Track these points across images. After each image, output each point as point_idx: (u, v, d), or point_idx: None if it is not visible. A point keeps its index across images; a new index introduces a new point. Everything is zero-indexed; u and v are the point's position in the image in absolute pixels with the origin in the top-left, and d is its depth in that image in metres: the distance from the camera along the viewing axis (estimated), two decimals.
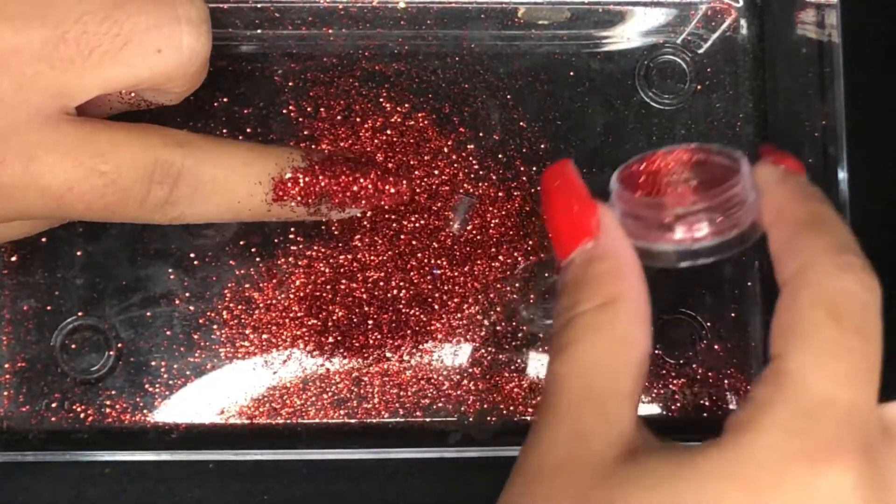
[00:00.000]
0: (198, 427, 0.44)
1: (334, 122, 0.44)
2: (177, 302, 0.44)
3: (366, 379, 0.44)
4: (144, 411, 0.44)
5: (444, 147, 0.44)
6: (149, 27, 0.36)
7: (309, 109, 0.44)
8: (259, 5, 0.43)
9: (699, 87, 0.45)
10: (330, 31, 0.44)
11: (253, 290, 0.44)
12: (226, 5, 0.43)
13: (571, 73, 0.45)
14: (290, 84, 0.44)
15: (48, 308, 0.44)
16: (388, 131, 0.44)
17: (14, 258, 0.44)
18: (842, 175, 0.43)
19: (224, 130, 0.44)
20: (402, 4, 0.44)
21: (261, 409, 0.44)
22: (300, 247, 0.44)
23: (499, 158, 0.44)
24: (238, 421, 0.44)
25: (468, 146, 0.44)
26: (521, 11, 0.44)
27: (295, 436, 0.44)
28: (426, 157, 0.44)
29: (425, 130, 0.44)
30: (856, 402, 0.30)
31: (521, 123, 0.44)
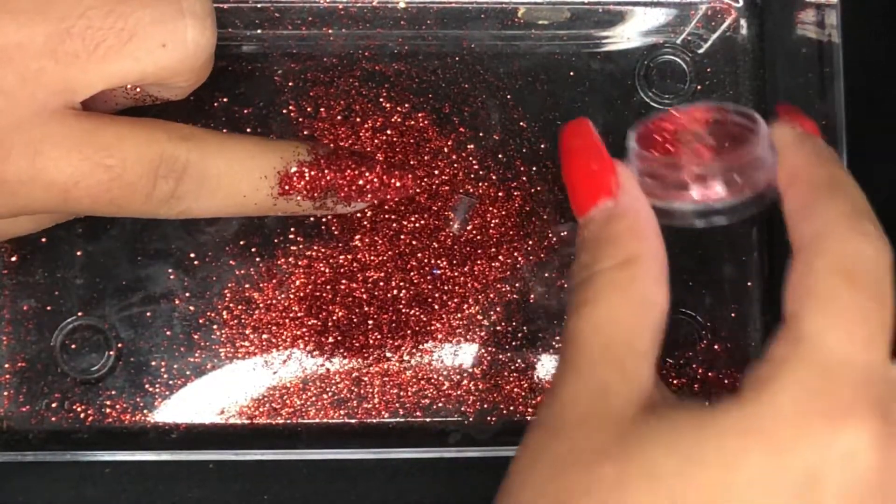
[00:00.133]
0: (198, 427, 0.44)
1: (334, 122, 0.44)
2: (177, 302, 0.44)
3: (366, 379, 0.44)
4: (144, 411, 0.44)
5: (444, 147, 0.44)
6: (153, 21, 0.36)
7: (309, 109, 0.44)
8: (259, 5, 0.43)
9: (699, 87, 0.45)
10: (330, 31, 0.44)
11: (253, 290, 0.44)
12: (226, 5, 0.43)
13: (571, 73, 0.45)
14: (290, 84, 0.44)
15: (48, 308, 0.44)
16: (388, 131, 0.44)
17: (14, 258, 0.44)
18: None
19: (224, 130, 0.44)
20: (402, 4, 0.44)
21: (261, 409, 0.44)
22: (300, 247, 0.44)
23: (499, 158, 0.44)
24: (238, 421, 0.44)
25: (468, 146, 0.44)
26: (521, 11, 0.44)
27: (295, 436, 0.44)
28: (426, 157, 0.44)
29: (425, 130, 0.44)
30: (872, 363, 0.31)
31: (521, 123, 0.44)
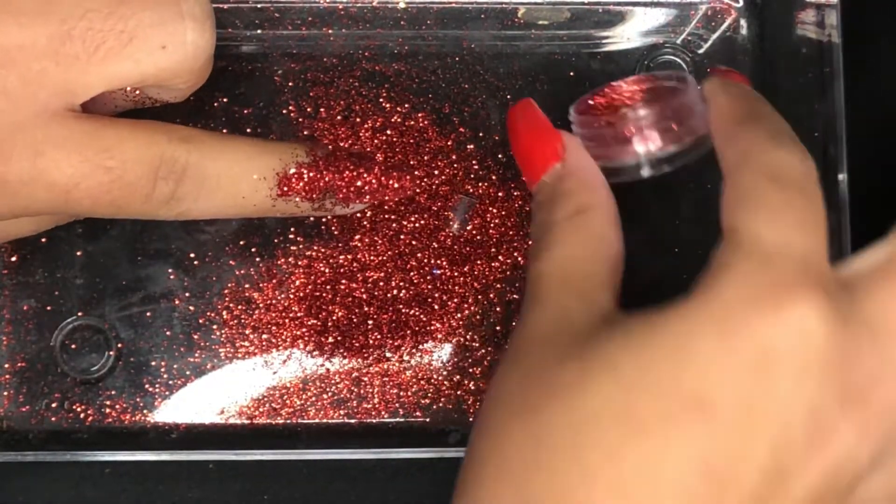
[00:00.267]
0: (198, 427, 0.44)
1: (334, 122, 0.44)
2: (177, 302, 0.44)
3: (366, 379, 0.44)
4: (144, 411, 0.44)
5: (444, 147, 0.44)
6: (153, 23, 0.36)
7: (309, 109, 0.44)
8: (259, 5, 0.43)
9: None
10: (330, 31, 0.44)
11: (253, 290, 0.44)
12: (226, 5, 0.43)
13: (571, 73, 0.45)
14: (290, 84, 0.44)
15: (48, 308, 0.44)
16: (388, 131, 0.44)
17: (14, 258, 0.44)
18: (842, 175, 0.43)
19: (224, 131, 0.44)
20: (402, 4, 0.44)
21: (261, 409, 0.44)
22: (300, 247, 0.44)
23: (499, 158, 0.44)
24: (238, 421, 0.44)
25: (468, 146, 0.44)
26: (521, 11, 0.44)
27: (295, 436, 0.44)
28: (426, 157, 0.44)
29: (425, 130, 0.44)
30: (809, 246, 0.32)
31: None
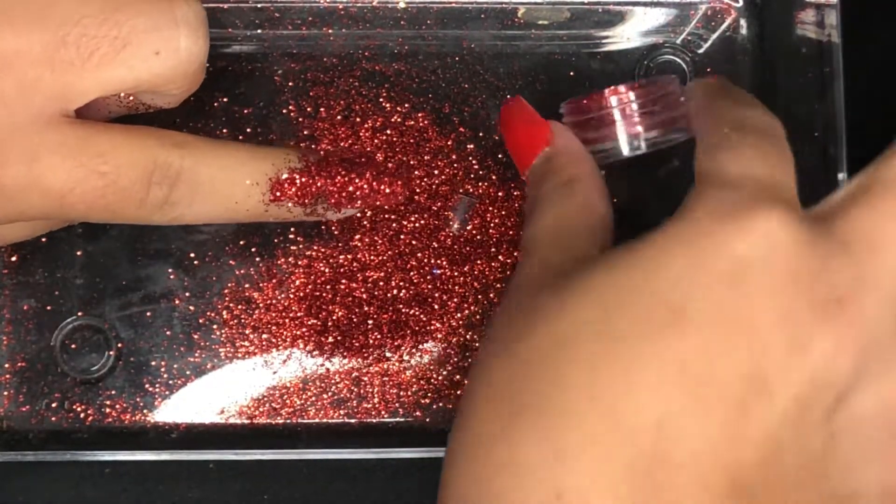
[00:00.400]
0: (198, 427, 0.44)
1: (334, 122, 0.44)
2: (177, 302, 0.44)
3: (366, 379, 0.44)
4: (144, 411, 0.44)
5: (444, 147, 0.44)
6: (147, 29, 0.36)
7: (309, 109, 0.44)
8: (259, 5, 0.43)
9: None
10: (330, 31, 0.44)
11: (253, 290, 0.44)
12: (226, 5, 0.43)
13: (571, 73, 0.45)
14: (290, 84, 0.44)
15: (48, 308, 0.44)
16: (388, 131, 0.44)
17: (14, 258, 0.44)
18: (842, 175, 0.43)
19: (224, 130, 0.44)
20: (402, 4, 0.44)
21: (261, 409, 0.44)
22: (300, 247, 0.44)
23: (499, 158, 0.44)
24: (238, 421, 0.44)
25: (468, 146, 0.44)
26: (521, 11, 0.44)
27: (295, 436, 0.44)
28: (426, 157, 0.44)
29: (425, 130, 0.44)
30: (775, 176, 0.33)
31: None
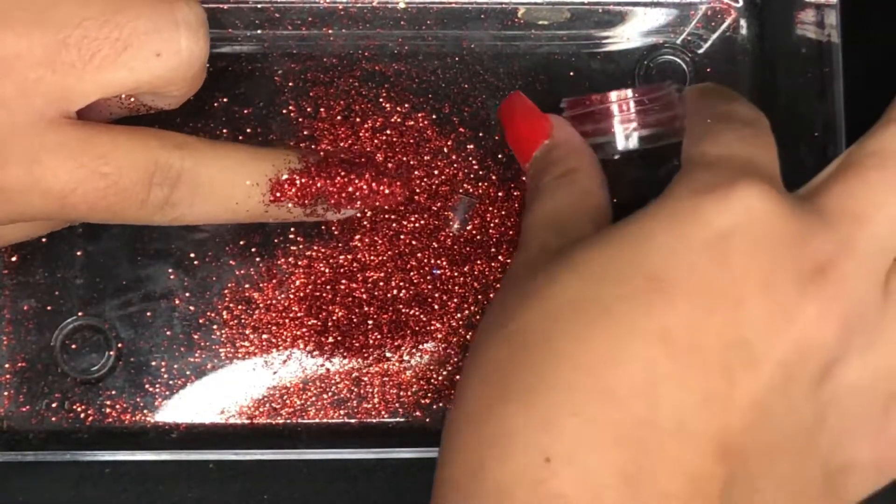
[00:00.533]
0: (198, 427, 0.44)
1: (334, 122, 0.44)
2: (177, 302, 0.44)
3: (366, 379, 0.44)
4: (144, 411, 0.44)
5: (444, 147, 0.44)
6: (148, 31, 0.36)
7: (309, 109, 0.44)
8: (259, 5, 0.43)
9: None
10: (330, 31, 0.44)
11: (253, 291, 0.44)
12: (226, 5, 0.43)
13: (571, 73, 0.45)
14: (290, 84, 0.44)
15: (48, 308, 0.44)
16: (388, 131, 0.44)
17: (14, 258, 0.44)
18: None
19: (224, 130, 0.44)
20: (402, 4, 0.44)
21: (261, 409, 0.44)
22: (300, 247, 0.44)
23: (499, 158, 0.44)
24: (238, 421, 0.44)
25: (468, 146, 0.44)
26: (521, 12, 0.44)
27: (295, 436, 0.44)
28: (426, 157, 0.44)
29: (425, 130, 0.44)
30: (755, 156, 0.34)
31: None
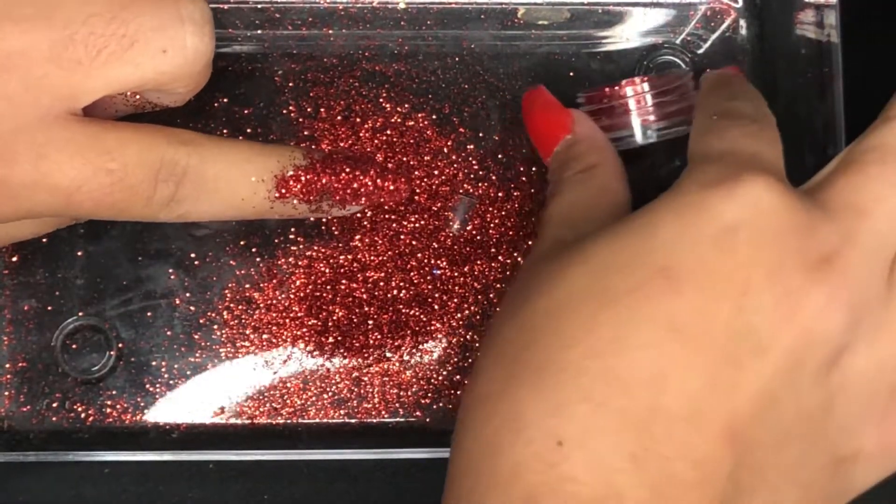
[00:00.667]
0: (198, 427, 0.44)
1: (334, 122, 0.44)
2: (177, 302, 0.44)
3: (366, 379, 0.44)
4: (145, 411, 0.44)
5: (444, 147, 0.44)
6: (153, 28, 0.36)
7: (309, 109, 0.44)
8: (259, 5, 0.44)
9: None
10: (330, 31, 0.44)
11: (253, 291, 0.44)
12: (226, 5, 0.43)
13: (571, 73, 0.45)
14: (290, 84, 0.44)
15: (49, 308, 0.44)
16: (388, 131, 0.44)
17: (15, 258, 0.44)
18: None
19: (224, 131, 0.44)
20: (402, 5, 0.44)
21: (261, 409, 0.44)
22: (300, 247, 0.44)
23: (499, 158, 0.44)
24: (238, 421, 0.44)
25: (468, 146, 0.44)
26: (521, 12, 0.45)
27: (295, 436, 0.44)
28: (426, 158, 0.44)
29: (425, 130, 0.44)
30: (760, 151, 0.35)
31: (522, 123, 0.44)
